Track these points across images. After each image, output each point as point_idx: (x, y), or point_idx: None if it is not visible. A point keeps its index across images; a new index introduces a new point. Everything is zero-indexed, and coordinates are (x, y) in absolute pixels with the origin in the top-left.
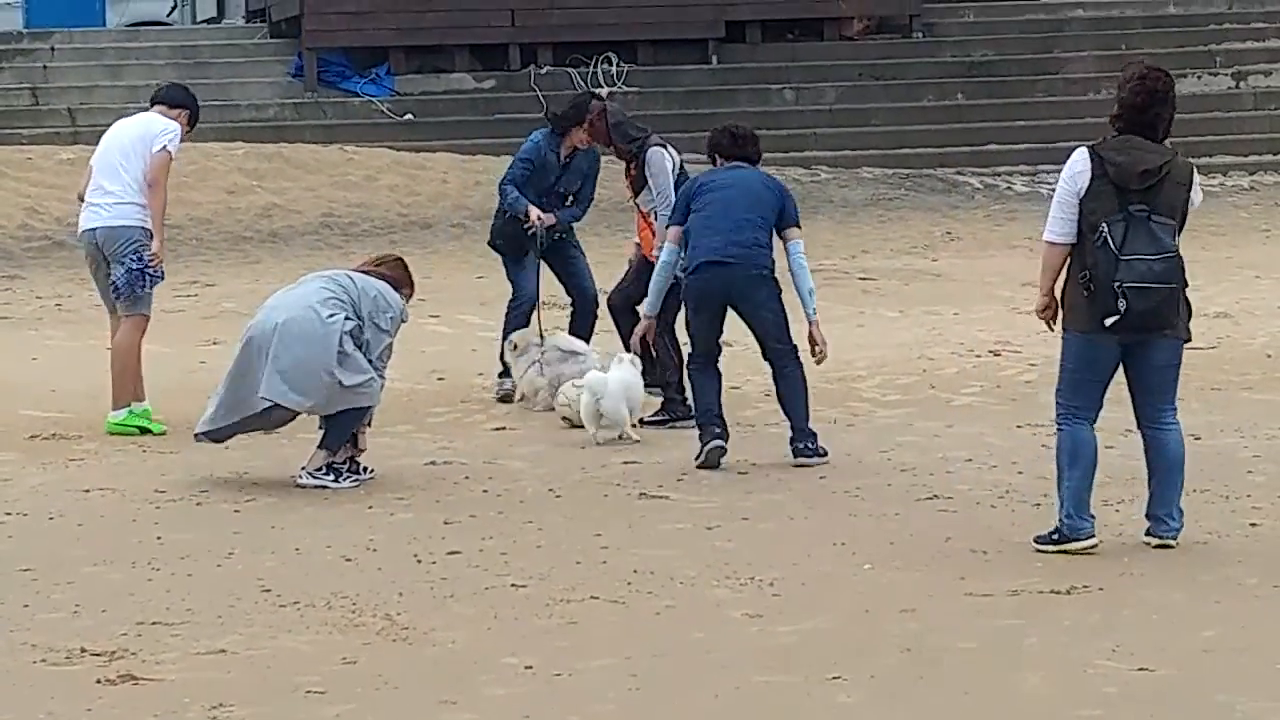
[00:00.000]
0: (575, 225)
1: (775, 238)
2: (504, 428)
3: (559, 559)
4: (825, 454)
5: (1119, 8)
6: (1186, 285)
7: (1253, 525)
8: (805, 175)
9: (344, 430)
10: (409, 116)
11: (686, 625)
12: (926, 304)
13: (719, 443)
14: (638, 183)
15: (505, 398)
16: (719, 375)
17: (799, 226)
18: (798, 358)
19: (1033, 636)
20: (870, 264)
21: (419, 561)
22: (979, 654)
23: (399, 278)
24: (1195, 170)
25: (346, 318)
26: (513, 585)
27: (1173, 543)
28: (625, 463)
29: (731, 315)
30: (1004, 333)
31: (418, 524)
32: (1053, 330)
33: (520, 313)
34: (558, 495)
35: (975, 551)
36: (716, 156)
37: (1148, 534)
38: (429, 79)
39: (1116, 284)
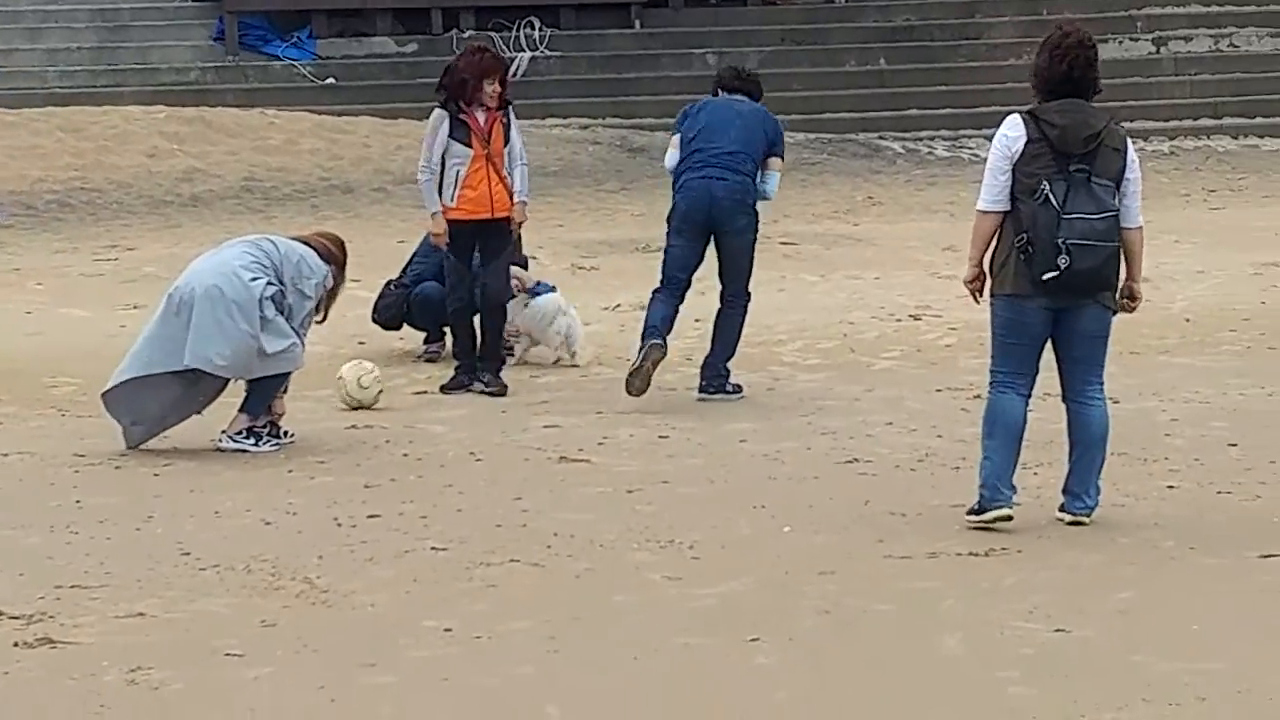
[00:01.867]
0: None
1: None
2: (425, 392)
3: (479, 523)
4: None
5: None
6: None
7: (1170, 488)
8: None
9: (266, 395)
10: (331, 80)
11: (606, 588)
12: (847, 269)
13: (658, 341)
14: (507, 133)
15: (431, 359)
16: (677, 306)
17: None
18: (746, 305)
19: (950, 598)
20: (792, 229)
21: (339, 525)
22: (897, 616)
23: (330, 253)
24: (1129, 139)
25: (269, 283)
26: (433, 548)
27: (1085, 520)
28: (546, 426)
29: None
30: (924, 297)
31: (338, 487)
32: (979, 302)
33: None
34: (478, 459)
35: (894, 514)
36: (719, 90)
37: (1062, 509)
38: (351, 43)
39: (1061, 240)
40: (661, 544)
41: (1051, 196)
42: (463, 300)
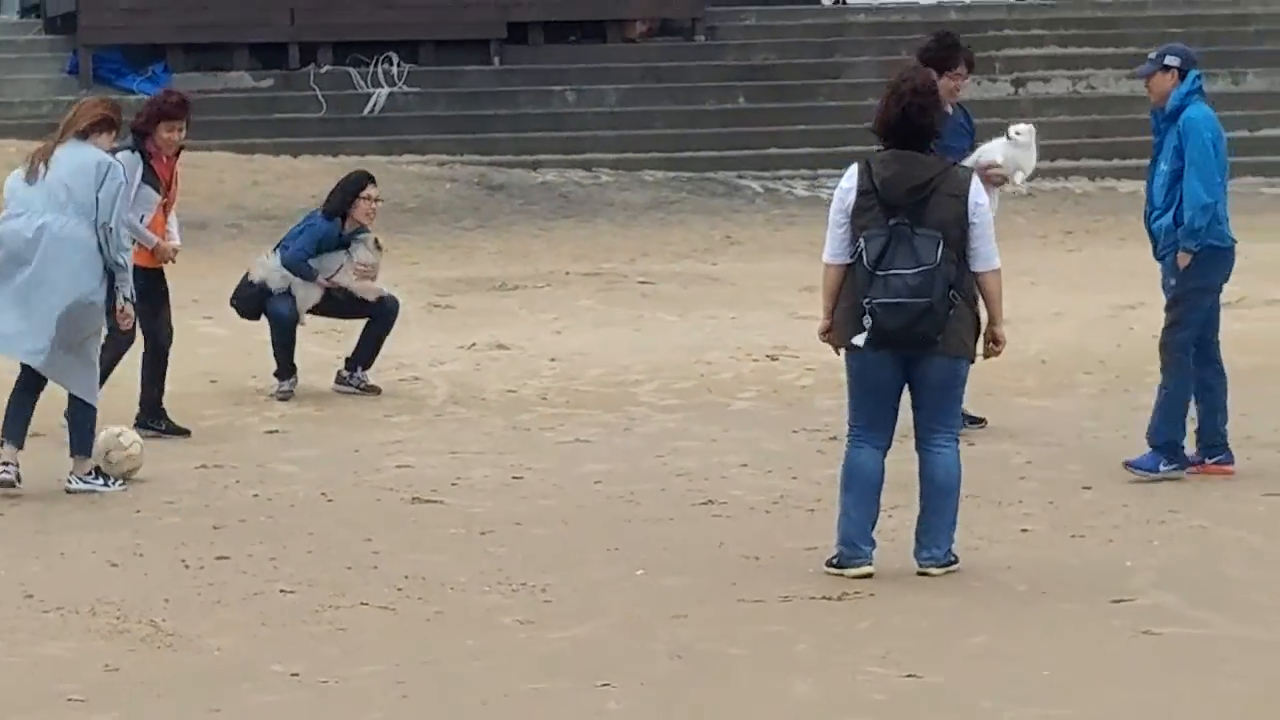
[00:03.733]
0: None
1: None
2: (277, 431)
3: (329, 565)
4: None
5: (900, 12)
6: (976, 300)
7: (1023, 531)
8: (586, 178)
9: (83, 430)
10: None
11: (457, 632)
12: (705, 308)
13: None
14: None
15: (284, 398)
16: None
17: None
18: None
19: (803, 643)
20: (650, 267)
21: (187, 567)
22: (749, 660)
23: (111, 121)
24: (974, 179)
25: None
26: (281, 591)
27: (932, 571)
28: (399, 467)
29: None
30: (782, 337)
31: (186, 529)
32: (838, 353)
33: (284, 331)
34: (330, 500)
35: (748, 557)
36: None
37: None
38: (207, 77)
39: (867, 300)
40: (514, 587)
41: (865, 254)
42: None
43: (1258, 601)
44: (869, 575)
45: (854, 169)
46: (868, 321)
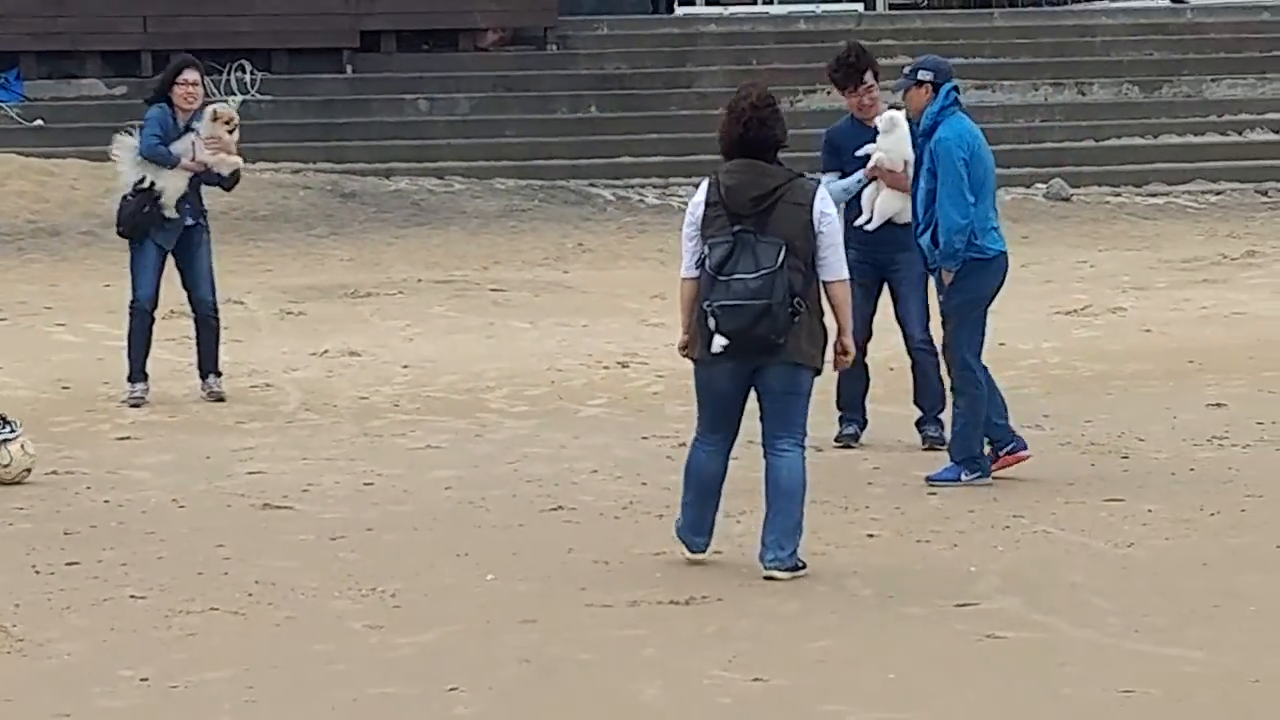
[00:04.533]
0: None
1: None
2: (129, 438)
3: (180, 570)
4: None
5: (751, 23)
6: (824, 313)
7: (870, 536)
8: (439, 186)
9: None
10: (39, 122)
11: (306, 637)
12: (557, 315)
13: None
14: None
15: (135, 404)
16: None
17: None
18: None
19: (651, 647)
20: (502, 275)
21: (37, 572)
22: (597, 665)
23: None
24: (820, 190)
25: None
26: (132, 596)
27: (778, 575)
28: (250, 473)
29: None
30: (632, 345)
31: (37, 534)
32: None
33: (142, 323)
34: (181, 506)
35: (598, 562)
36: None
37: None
38: (60, 84)
39: (708, 304)
40: (364, 592)
41: (709, 259)
42: None
43: (1098, 605)
44: (698, 562)
45: (704, 183)
46: (712, 323)
